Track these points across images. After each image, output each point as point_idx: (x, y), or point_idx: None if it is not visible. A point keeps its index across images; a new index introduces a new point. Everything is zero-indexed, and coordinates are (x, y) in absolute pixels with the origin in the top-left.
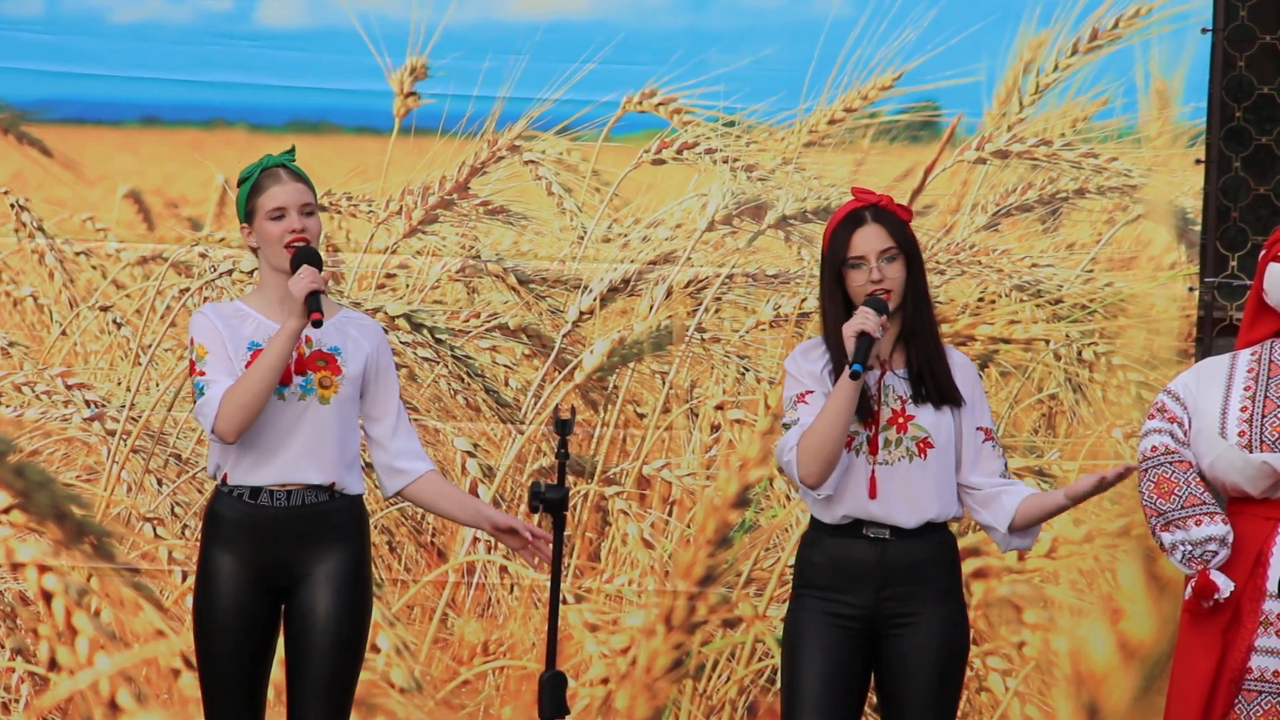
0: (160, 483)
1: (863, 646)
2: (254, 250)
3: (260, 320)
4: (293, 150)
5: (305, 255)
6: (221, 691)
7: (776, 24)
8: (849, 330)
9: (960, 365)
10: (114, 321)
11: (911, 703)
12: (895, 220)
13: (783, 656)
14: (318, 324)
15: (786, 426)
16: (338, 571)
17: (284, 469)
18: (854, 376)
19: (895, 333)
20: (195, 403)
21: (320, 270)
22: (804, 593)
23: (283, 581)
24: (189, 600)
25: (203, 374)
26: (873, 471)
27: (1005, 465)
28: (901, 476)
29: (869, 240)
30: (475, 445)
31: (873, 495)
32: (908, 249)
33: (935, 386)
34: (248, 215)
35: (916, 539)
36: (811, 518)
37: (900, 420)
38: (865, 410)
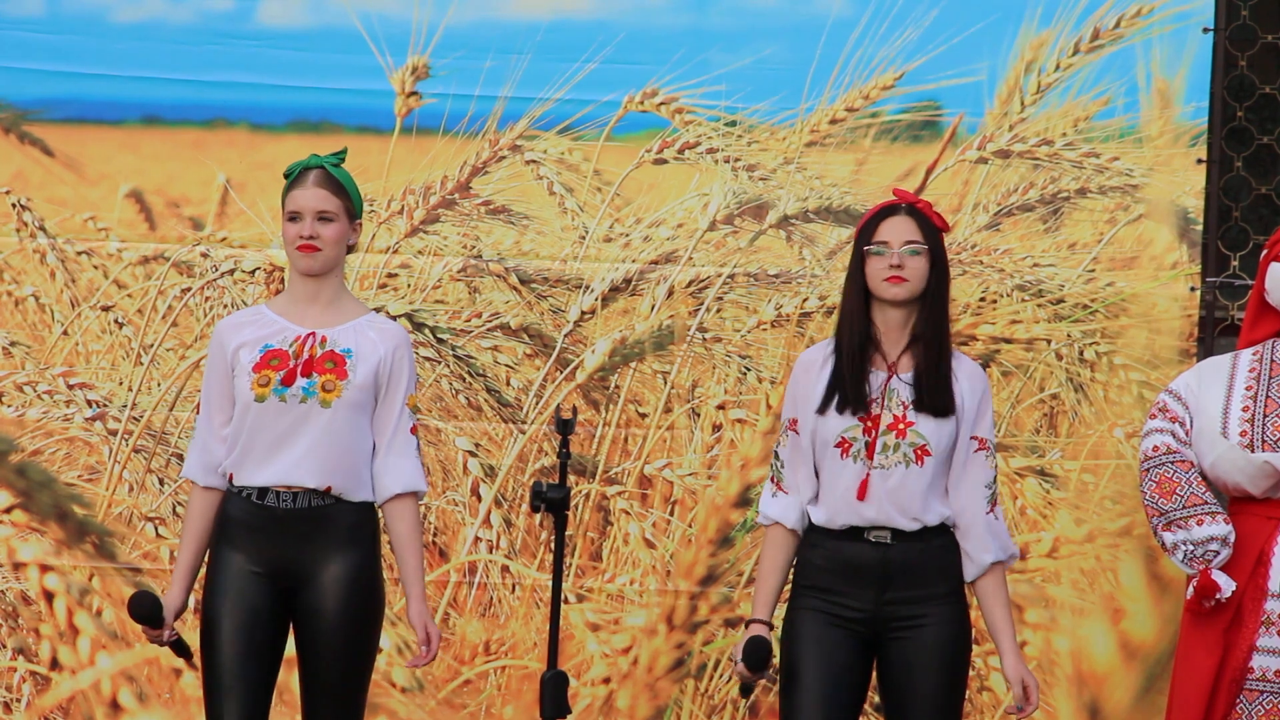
0: (162, 482)
1: (864, 648)
2: None
3: (278, 324)
4: (341, 153)
5: (138, 606)
6: (223, 689)
7: (778, 24)
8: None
9: (969, 374)
10: (115, 321)
11: (918, 705)
12: (928, 222)
13: (781, 657)
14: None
15: (776, 455)
16: (344, 574)
17: (281, 471)
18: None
19: (909, 336)
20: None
21: (155, 628)
22: (804, 593)
23: (290, 582)
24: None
25: (198, 412)
26: (866, 474)
27: (994, 478)
28: (896, 481)
29: (896, 229)
30: (477, 445)
31: (860, 497)
32: (935, 251)
33: (931, 396)
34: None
35: (918, 541)
36: (810, 520)
37: (900, 426)
38: (865, 411)
